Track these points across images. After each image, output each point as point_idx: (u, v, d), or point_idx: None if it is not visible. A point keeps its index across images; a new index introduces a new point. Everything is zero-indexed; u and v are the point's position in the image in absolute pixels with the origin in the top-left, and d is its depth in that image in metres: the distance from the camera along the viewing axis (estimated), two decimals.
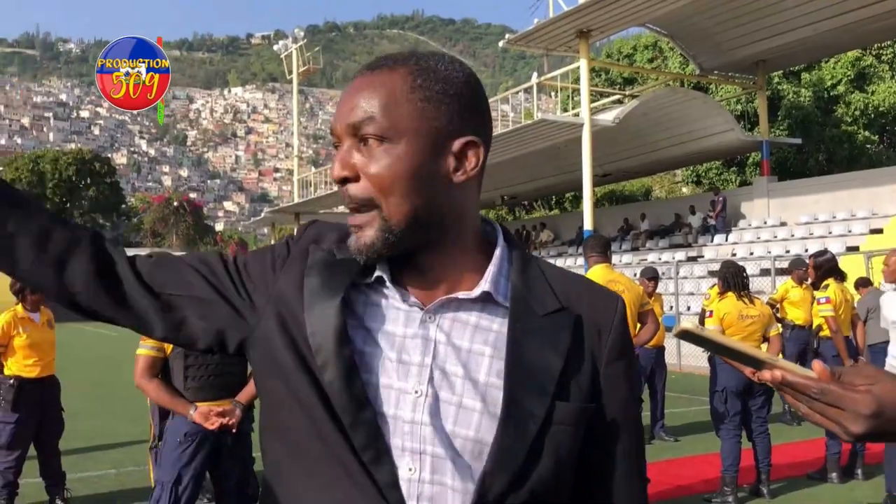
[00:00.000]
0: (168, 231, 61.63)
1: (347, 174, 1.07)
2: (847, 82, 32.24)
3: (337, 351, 1.04)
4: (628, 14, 19.24)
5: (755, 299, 6.37)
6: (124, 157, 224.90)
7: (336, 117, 1.10)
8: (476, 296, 1.09)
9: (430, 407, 1.04)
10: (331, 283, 1.09)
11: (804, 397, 0.96)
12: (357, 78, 1.11)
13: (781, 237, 20.96)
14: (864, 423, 0.94)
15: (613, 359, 1.12)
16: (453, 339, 1.08)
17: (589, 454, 1.11)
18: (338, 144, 1.10)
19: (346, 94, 1.10)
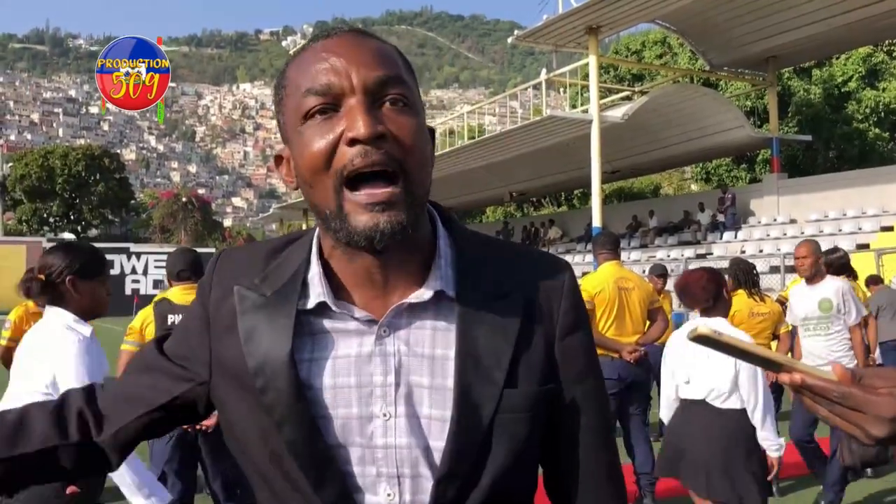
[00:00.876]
0: (177, 227, 61.76)
1: (383, 130, 0.95)
2: (858, 79, 32.07)
3: (293, 407, 0.99)
4: (638, 10, 19.19)
5: (765, 297, 6.35)
6: (133, 153, 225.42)
7: (347, 70, 0.96)
8: (429, 298, 1.02)
9: (402, 427, 1.00)
10: (272, 330, 1.01)
11: (824, 400, 0.94)
12: (347, 37, 1.01)
13: (791, 234, 20.89)
14: (886, 426, 0.92)
15: (566, 333, 1.08)
16: (414, 348, 1.02)
17: (555, 432, 1.08)
18: (334, 104, 0.97)
19: (353, 50, 0.98)
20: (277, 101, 1.04)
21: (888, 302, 8.48)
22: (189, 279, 4.35)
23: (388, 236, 0.95)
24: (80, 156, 60.19)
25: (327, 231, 1.01)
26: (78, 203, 60.32)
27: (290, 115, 1.01)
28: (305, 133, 0.98)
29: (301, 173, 1.00)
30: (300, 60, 1.02)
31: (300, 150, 0.98)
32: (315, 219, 1.04)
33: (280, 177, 1.08)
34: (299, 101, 0.98)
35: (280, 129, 1.05)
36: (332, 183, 0.96)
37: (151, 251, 42.28)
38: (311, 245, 1.07)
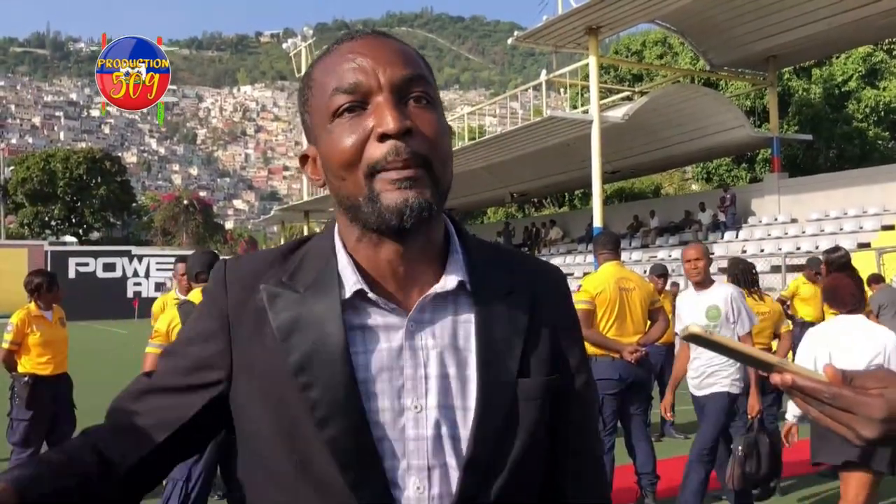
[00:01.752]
0: (178, 229, 61.82)
1: (411, 125, 0.99)
2: (858, 78, 32.07)
3: (346, 401, 0.99)
4: (638, 10, 19.21)
5: (765, 296, 6.35)
6: (134, 156, 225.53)
7: (374, 69, 1.01)
8: (452, 288, 1.06)
9: (433, 419, 1.02)
10: (318, 323, 1.02)
11: (815, 401, 0.94)
12: (371, 39, 1.06)
13: (792, 234, 20.88)
14: (877, 427, 0.92)
15: (566, 329, 1.15)
16: (439, 339, 1.05)
17: (555, 420, 1.12)
18: (362, 102, 1.01)
19: (379, 50, 1.03)
20: (303, 101, 1.09)
21: (889, 300, 8.47)
22: (204, 281, 4.39)
23: (417, 212, 0.99)
24: (82, 159, 60.23)
25: (355, 221, 1.04)
26: (79, 206, 60.35)
27: (318, 115, 1.05)
28: (335, 130, 1.02)
29: (332, 168, 1.04)
30: (326, 62, 1.06)
31: (330, 147, 1.02)
32: (341, 213, 1.07)
33: (306, 175, 1.11)
34: (328, 100, 1.03)
35: (306, 129, 1.09)
36: (363, 173, 1.00)
37: (153, 254, 42.30)
38: (333, 240, 1.10)
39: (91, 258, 39.91)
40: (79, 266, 38.83)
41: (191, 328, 1.13)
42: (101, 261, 39.77)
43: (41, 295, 5.83)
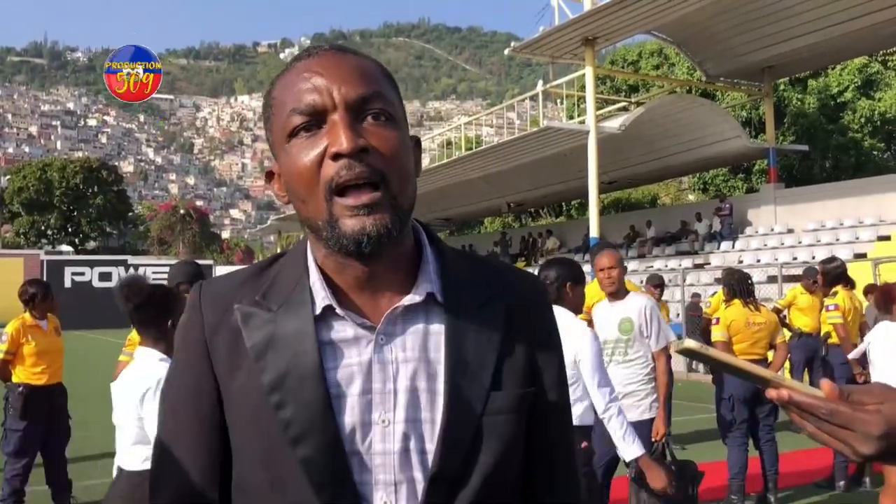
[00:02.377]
0: (174, 239, 61.76)
1: (365, 144, 0.99)
2: (853, 89, 32.18)
3: (320, 419, 0.99)
4: (634, 21, 19.26)
5: (761, 306, 6.36)
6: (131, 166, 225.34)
7: (329, 88, 1.00)
8: (422, 299, 1.05)
9: (400, 433, 1.01)
10: (291, 341, 1.02)
11: (811, 417, 0.93)
12: (329, 55, 1.05)
13: (788, 244, 20.90)
14: (874, 443, 0.91)
15: (543, 342, 1.13)
16: (409, 352, 1.04)
17: (530, 434, 1.11)
18: (318, 121, 1.00)
19: (334, 68, 1.02)
20: (265, 119, 1.08)
21: None
22: (188, 291, 4.31)
23: (375, 239, 0.98)
24: (78, 168, 60.22)
25: (319, 241, 1.04)
26: (76, 215, 60.29)
27: (277, 134, 1.04)
28: (292, 150, 1.02)
29: (292, 188, 1.04)
30: (285, 80, 1.06)
31: (288, 167, 1.03)
32: (307, 231, 1.07)
33: (273, 192, 1.11)
34: (285, 120, 1.03)
35: (270, 146, 1.08)
36: (322, 194, 0.99)
37: (149, 263, 42.23)
38: (305, 255, 1.09)
39: (87, 267, 39.84)
40: (75, 275, 38.76)
41: (177, 364, 1.13)
42: (97, 270, 39.69)
43: (36, 304, 5.81)
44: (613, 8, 18.20)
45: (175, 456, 1.07)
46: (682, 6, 18.34)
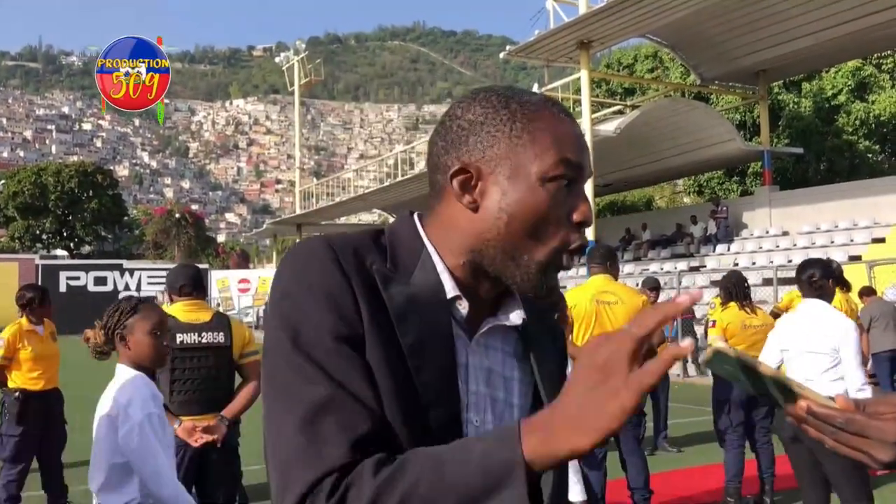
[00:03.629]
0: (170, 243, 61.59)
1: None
2: (848, 92, 32.29)
3: (447, 393, 1.04)
4: (629, 25, 19.32)
5: (757, 309, 6.37)
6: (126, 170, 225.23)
7: (587, 157, 1.10)
8: (518, 323, 1.14)
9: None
10: (426, 311, 1.04)
11: (829, 428, 0.96)
12: (572, 121, 1.12)
13: (784, 247, 20.96)
14: (891, 450, 0.94)
15: (566, 357, 1.28)
16: (495, 365, 1.12)
17: None
18: (575, 179, 1.07)
19: (583, 139, 1.12)
20: (507, 130, 1.08)
21: (881, 313, 8.53)
22: (191, 294, 4.26)
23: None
24: (73, 172, 60.08)
25: (485, 262, 1.08)
26: (71, 220, 60.13)
27: (529, 164, 1.06)
28: (544, 193, 1.05)
29: (521, 220, 1.06)
30: (554, 119, 1.09)
31: (531, 203, 1.05)
32: (464, 237, 1.09)
33: (456, 191, 1.09)
34: (551, 162, 1.06)
35: (485, 150, 1.08)
36: (551, 245, 1.07)
37: (145, 267, 42.23)
38: (422, 242, 1.11)
39: (82, 272, 39.78)
40: (70, 280, 38.70)
41: (322, 300, 1.01)
42: (93, 274, 39.65)
43: (33, 309, 5.80)
44: (608, 11, 18.25)
45: (350, 395, 0.97)
46: (676, 10, 18.41)
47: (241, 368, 4.28)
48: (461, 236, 1.09)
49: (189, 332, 4.07)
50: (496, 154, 1.07)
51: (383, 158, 41.82)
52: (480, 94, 1.12)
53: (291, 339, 0.98)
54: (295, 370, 0.97)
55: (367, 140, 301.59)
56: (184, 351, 4.03)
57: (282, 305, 1.01)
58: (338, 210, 35.32)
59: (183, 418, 3.93)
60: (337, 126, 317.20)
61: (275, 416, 0.97)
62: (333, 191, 38.24)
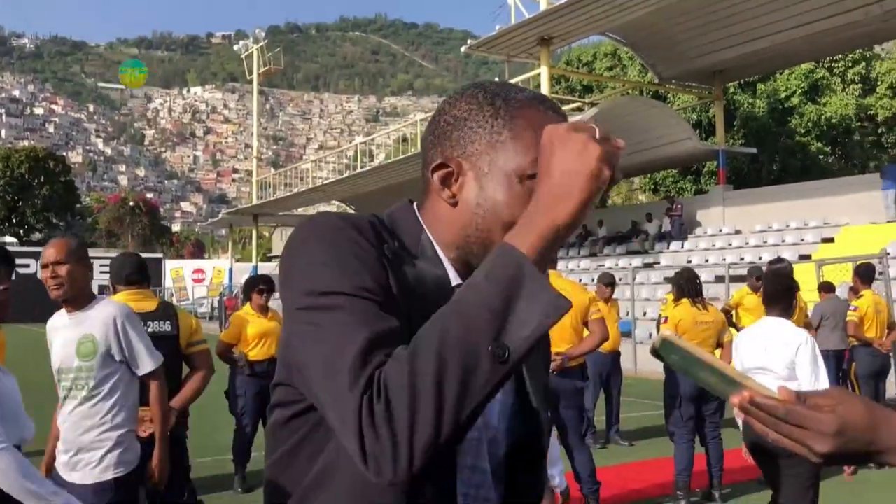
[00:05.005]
0: (124, 231, 60.77)
1: None
2: (801, 94, 32.92)
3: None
4: (589, 23, 19.44)
5: (709, 305, 6.47)
6: (80, 156, 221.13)
7: None
8: None
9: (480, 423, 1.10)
10: (436, 294, 1.03)
11: (771, 420, 0.98)
12: (559, 118, 1.11)
13: (736, 245, 21.29)
14: (829, 442, 0.96)
15: (548, 343, 1.39)
16: None
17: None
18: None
19: None
20: (489, 126, 1.08)
21: (831, 312, 8.69)
22: (139, 283, 4.19)
23: None
24: (24, 158, 58.80)
25: (469, 255, 1.11)
26: (21, 206, 58.84)
27: (508, 161, 1.07)
28: (520, 190, 1.06)
29: (497, 215, 1.07)
30: (538, 116, 1.09)
31: (510, 201, 1.07)
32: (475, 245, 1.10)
33: (436, 187, 1.11)
34: (530, 159, 1.05)
35: (466, 146, 1.09)
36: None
37: (97, 256, 41.35)
38: (427, 232, 1.12)
39: (32, 259, 38.90)
40: (19, 267, 37.70)
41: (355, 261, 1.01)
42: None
43: None
44: (569, 8, 18.34)
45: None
46: (636, 9, 18.57)
47: (188, 358, 4.22)
48: (446, 231, 1.11)
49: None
50: (476, 150, 1.08)
51: (343, 150, 41.60)
52: (470, 89, 1.13)
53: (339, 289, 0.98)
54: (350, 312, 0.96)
55: (327, 131, 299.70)
56: None
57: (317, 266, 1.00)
58: (296, 201, 35.03)
59: None
60: (296, 116, 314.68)
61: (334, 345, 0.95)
62: (291, 181, 37.94)
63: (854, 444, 0.98)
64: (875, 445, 0.99)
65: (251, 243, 41.16)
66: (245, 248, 58.50)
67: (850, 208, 19.57)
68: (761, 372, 4.21)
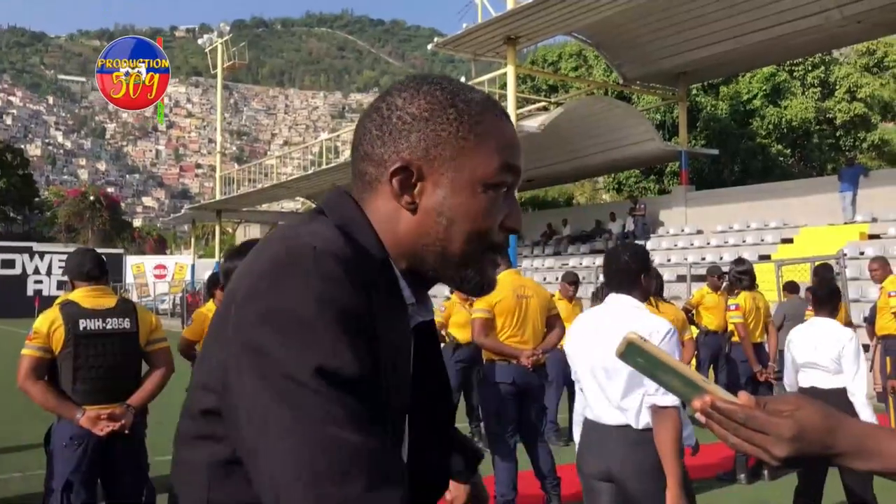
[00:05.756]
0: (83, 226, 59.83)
1: None
2: (762, 97, 33.37)
3: (405, 398, 1.07)
4: (555, 22, 19.51)
5: (671, 304, 6.54)
6: (38, 149, 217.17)
7: (522, 159, 1.10)
8: (432, 318, 1.19)
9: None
10: (394, 317, 1.02)
11: (731, 425, 1.00)
12: (510, 122, 1.11)
13: (698, 245, 21.53)
14: (786, 446, 0.99)
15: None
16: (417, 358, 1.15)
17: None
18: (512, 186, 1.08)
19: (518, 141, 1.11)
20: (454, 131, 1.04)
21: (794, 312, 8.80)
22: (98, 279, 4.12)
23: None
24: None
25: (428, 264, 1.06)
26: None
27: (473, 169, 1.04)
28: (484, 198, 1.04)
29: (458, 225, 1.04)
30: (497, 122, 1.07)
31: (473, 210, 1.04)
32: (430, 254, 1.06)
33: (395, 190, 1.04)
34: (494, 167, 1.04)
35: (429, 149, 1.04)
36: (481, 247, 1.06)
37: (56, 251, 40.82)
38: (381, 247, 1.04)
39: None
40: None
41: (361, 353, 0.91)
42: (0, 257, 38.13)
43: None
44: (535, 8, 18.40)
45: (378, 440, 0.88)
46: (601, 9, 18.68)
47: (147, 356, 4.16)
48: (398, 238, 1.04)
49: (93, 318, 3.91)
50: (440, 154, 1.03)
51: (308, 146, 41.29)
52: (423, 86, 1.06)
53: (318, 371, 0.86)
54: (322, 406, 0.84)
55: (292, 126, 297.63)
56: (87, 338, 3.86)
57: (302, 330, 0.87)
58: (260, 197, 34.73)
59: (87, 408, 3.81)
60: (260, 111, 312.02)
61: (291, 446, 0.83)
62: (256, 177, 37.59)
63: (812, 448, 1.00)
64: (832, 449, 1.02)
65: (214, 239, 40.70)
66: (208, 245, 57.91)
67: (809, 210, 19.90)
68: (812, 367, 4.66)
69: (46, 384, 3.80)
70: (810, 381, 4.73)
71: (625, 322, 3.11)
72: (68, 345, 3.82)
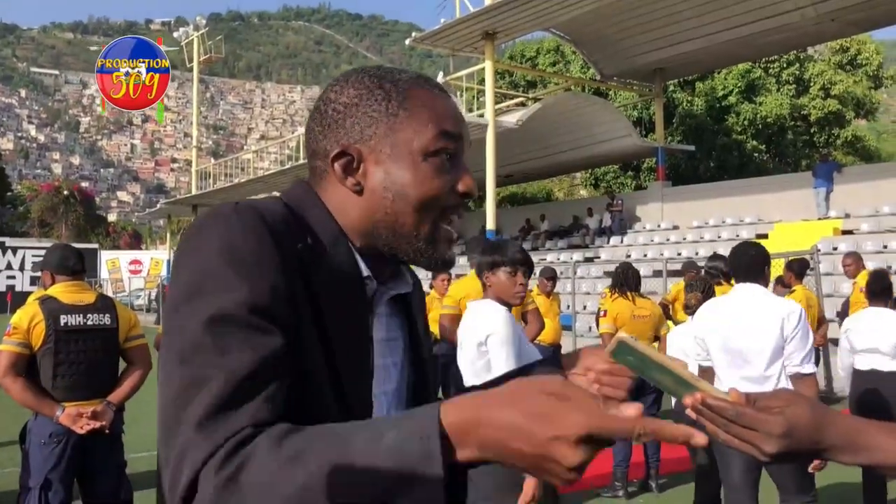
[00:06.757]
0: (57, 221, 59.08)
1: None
2: (738, 93, 33.63)
3: (363, 365, 1.07)
4: (533, 18, 19.55)
5: (647, 299, 6.59)
6: (11, 143, 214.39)
7: (465, 129, 1.13)
8: (409, 290, 1.19)
9: (395, 405, 1.14)
10: (348, 290, 1.05)
11: (722, 421, 1.01)
12: (446, 95, 1.13)
13: (674, 240, 21.68)
14: (776, 442, 1.00)
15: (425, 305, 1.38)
16: (383, 332, 1.14)
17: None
18: (456, 151, 1.11)
19: (457, 110, 1.14)
20: (383, 109, 1.08)
21: None
22: (79, 273, 4.08)
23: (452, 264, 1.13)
24: None
25: (399, 245, 1.09)
26: None
27: (409, 141, 1.08)
28: (427, 169, 1.07)
29: (405, 198, 1.07)
30: (428, 94, 1.11)
31: (418, 180, 1.07)
32: (366, 220, 1.09)
33: (338, 174, 1.09)
34: (430, 136, 1.08)
35: (363, 131, 1.09)
36: (433, 216, 1.09)
37: (29, 246, 40.36)
38: (336, 224, 1.09)
39: None
40: None
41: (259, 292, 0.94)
42: None
43: None
44: (513, 4, 18.42)
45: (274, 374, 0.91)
46: (578, 6, 18.74)
47: (126, 353, 4.13)
48: (351, 220, 1.09)
49: (73, 313, 3.89)
50: (374, 134, 1.08)
51: (285, 140, 41.12)
52: (352, 76, 1.12)
53: (215, 306, 0.91)
54: (216, 338, 0.89)
55: (269, 121, 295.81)
56: (68, 333, 3.84)
57: (204, 269, 0.93)
58: (236, 192, 34.51)
59: (66, 405, 3.78)
60: (237, 105, 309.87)
61: (180, 381, 0.88)
62: (232, 171, 37.37)
63: (801, 444, 1.02)
64: (821, 444, 1.04)
65: None
66: None
67: (784, 205, 20.09)
68: (871, 352, 5.09)
69: (25, 381, 3.76)
70: (870, 364, 5.11)
71: (761, 306, 3.81)
72: (49, 340, 3.79)
